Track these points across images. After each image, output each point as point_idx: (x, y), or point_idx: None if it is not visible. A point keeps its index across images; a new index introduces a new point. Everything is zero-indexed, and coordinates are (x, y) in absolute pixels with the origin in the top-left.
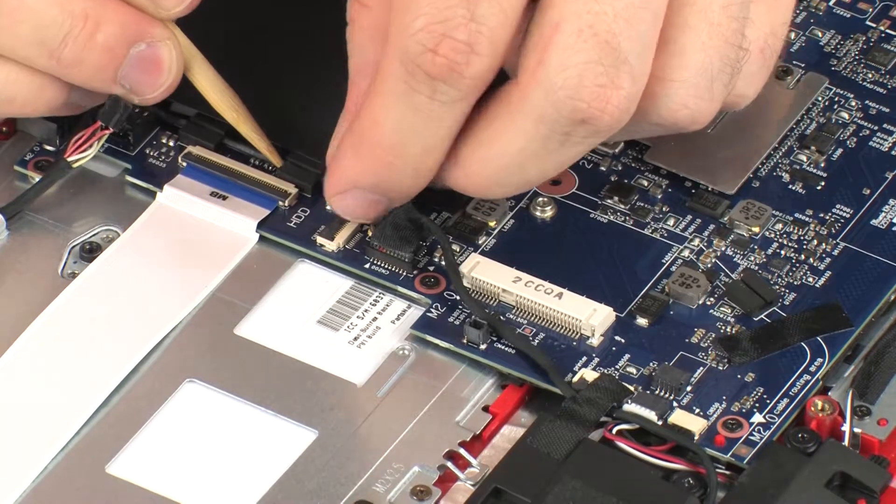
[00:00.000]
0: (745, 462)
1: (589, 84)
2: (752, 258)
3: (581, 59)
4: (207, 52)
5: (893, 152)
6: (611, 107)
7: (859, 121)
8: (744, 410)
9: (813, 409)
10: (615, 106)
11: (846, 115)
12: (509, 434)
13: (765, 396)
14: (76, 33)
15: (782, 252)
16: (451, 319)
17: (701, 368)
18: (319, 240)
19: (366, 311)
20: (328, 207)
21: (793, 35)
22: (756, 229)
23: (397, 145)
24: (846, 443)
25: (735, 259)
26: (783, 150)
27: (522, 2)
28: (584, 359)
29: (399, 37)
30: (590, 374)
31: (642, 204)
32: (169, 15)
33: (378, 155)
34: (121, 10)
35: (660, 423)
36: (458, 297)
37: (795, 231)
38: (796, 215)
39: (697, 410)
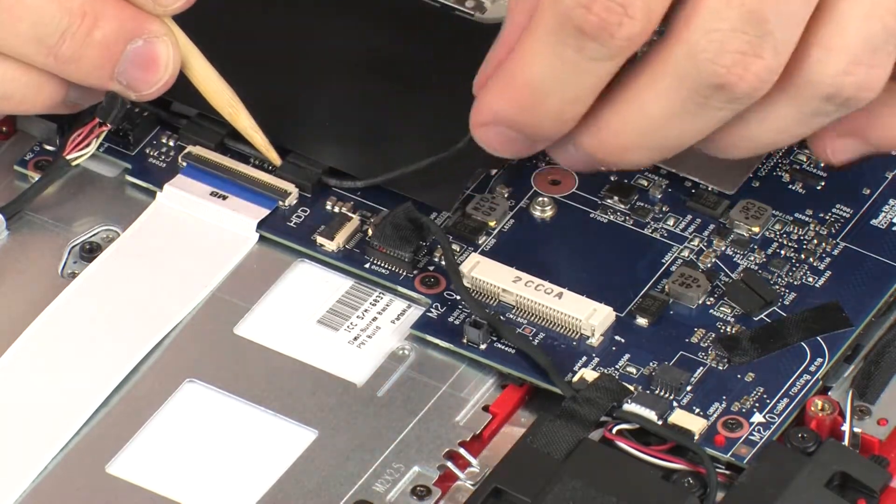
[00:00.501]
0: (745, 462)
1: (731, 50)
2: (752, 258)
3: (726, 26)
4: (207, 49)
5: (893, 152)
6: (749, 74)
7: None
8: (744, 410)
9: (813, 408)
10: (754, 74)
11: None
12: (509, 434)
13: (765, 396)
14: (74, 30)
15: (782, 252)
16: (451, 319)
17: (701, 368)
18: (319, 240)
19: (366, 310)
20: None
21: None
22: (756, 229)
23: (540, 91)
24: (846, 443)
25: (735, 259)
26: (783, 150)
27: None
28: (584, 359)
29: None
30: (590, 374)
31: (642, 204)
32: (166, 12)
33: (522, 96)
34: (118, 7)
35: (660, 422)
36: (458, 297)
37: (795, 231)
38: (796, 215)
39: (697, 410)
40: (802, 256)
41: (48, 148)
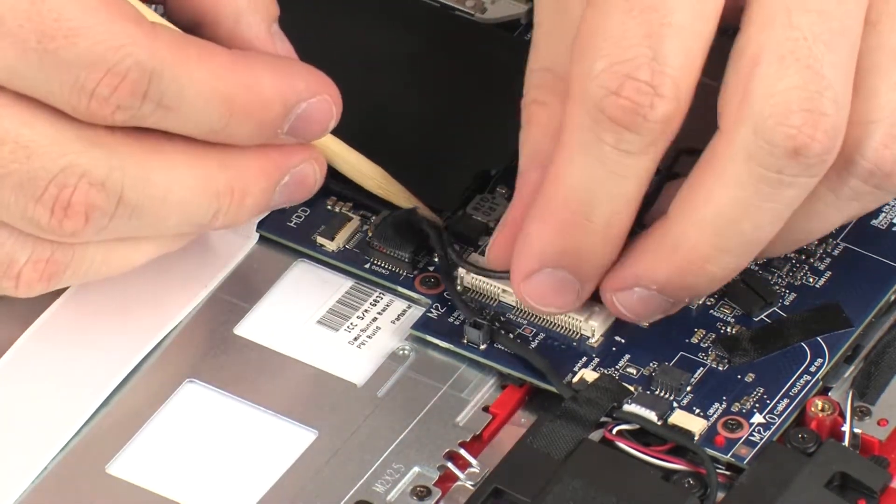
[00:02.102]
0: (745, 462)
1: (796, 109)
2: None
3: (786, 85)
4: None
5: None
6: (819, 133)
7: None
8: (744, 411)
9: (813, 409)
10: (824, 132)
11: None
12: (509, 434)
13: (765, 396)
14: (225, 208)
15: None
16: (450, 320)
17: (701, 368)
18: (319, 240)
19: (366, 311)
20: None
21: None
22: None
23: (584, 204)
24: (846, 443)
25: None
26: None
27: (706, 43)
28: (584, 359)
29: (581, 82)
30: (590, 375)
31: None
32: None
33: (565, 217)
34: (262, 162)
35: (660, 423)
36: None
37: None
38: None
39: (697, 411)
40: (802, 256)
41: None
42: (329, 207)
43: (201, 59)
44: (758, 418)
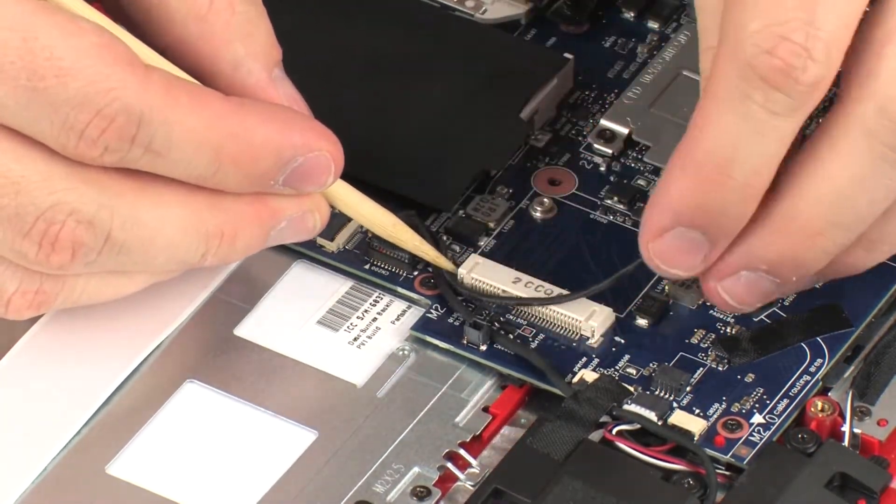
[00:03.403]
0: (744, 462)
1: None
2: None
3: None
4: None
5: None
6: None
7: None
8: (744, 411)
9: (813, 409)
10: None
11: None
12: (509, 434)
13: (765, 397)
14: (214, 250)
15: None
16: (450, 320)
17: (701, 369)
18: (319, 240)
19: (365, 311)
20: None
21: None
22: None
23: (725, 160)
24: (846, 443)
25: None
26: None
27: (860, 10)
28: (584, 359)
29: (734, 36)
30: (590, 375)
31: (642, 204)
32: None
33: (705, 172)
34: (256, 207)
35: (660, 423)
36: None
37: None
38: None
39: (697, 411)
40: None
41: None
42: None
43: (192, 106)
44: (757, 418)
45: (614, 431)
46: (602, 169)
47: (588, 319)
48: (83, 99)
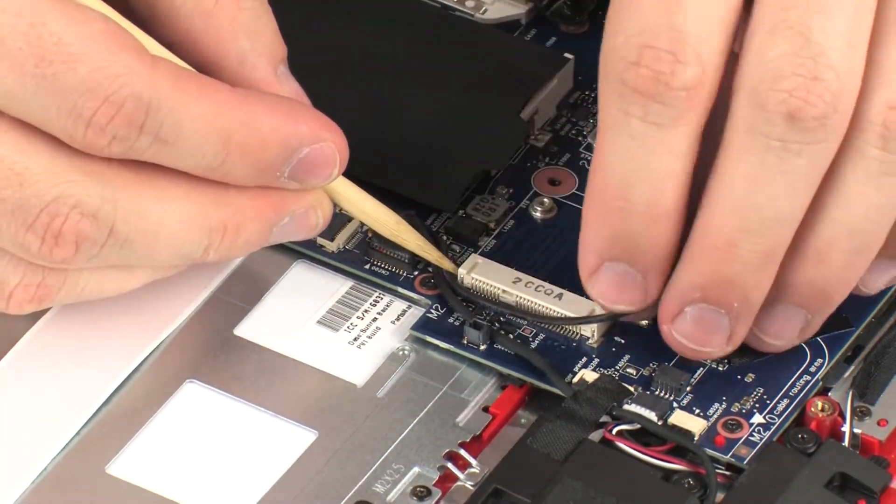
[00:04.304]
0: (744, 462)
1: (788, 73)
2: None
3: (777, 52)
4: None
5: None
6: (813, 96)
7: None
8: (744, 411)
9: (813, 409)
10: (818, 95)
11: None
12: (509, 434)
13: (765, 397)
14: (216, 245)
15: None
16: (450, 320)
17: (701, 369)
18: (319, 240)
19: (366, 311)
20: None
21: None
22: None
23: (621, 184)
24: (846, 443)
25: None
26: None
27: (729, 11)
28: (584, 359)
29: (605, 58)
30: (590, 375)
31: None
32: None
33: (607, 203)
34: (259, 202)
35: (660, 423)
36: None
37: None
38: None
39: (697, 411)
40: None
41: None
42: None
43: (201, 94)
44: (758, 418)
45: (614, 431)
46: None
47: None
48: (91, 85)
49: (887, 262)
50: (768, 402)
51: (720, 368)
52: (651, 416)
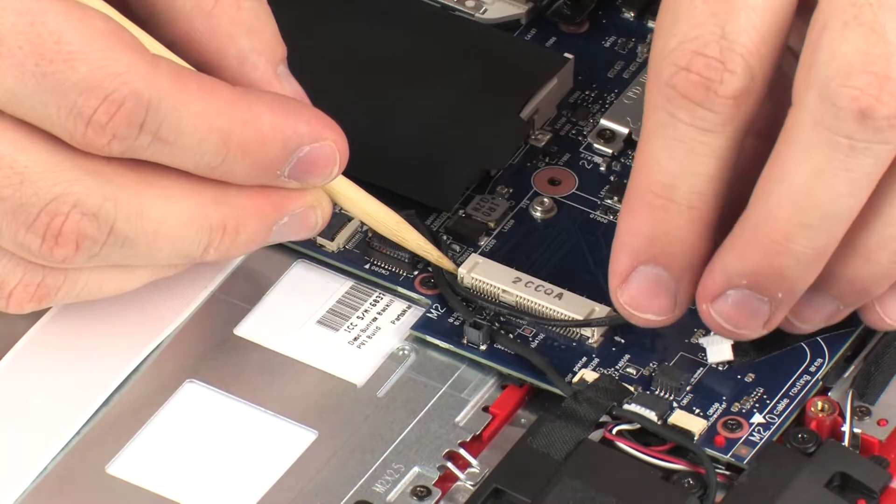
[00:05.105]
0: (744, 462)
1: (860, 70)
2: None
3: (850, 49)
4: None
5: None
6: (886, 95)
7: None
8: (744, 411)
9: (813, 409)
10: (890, 94)
11: None
12: (509, 434)
13: (765, 397)
14: (216, 244)
15: None
16: (450, 320)
17: (701, 369)
18: (319, 240)
19: (366, 311)
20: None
21: None
22: None
23: (665, 185)
24: (846, 443)
25: None
26: None
27: (781, 19)
28: (584, 359)
29: (655, 62)
30: (590, 375)
31: None
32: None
33: (649, 201)
34: (259, 201)
35: (660, 423)
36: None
37: None
38: None
39: (697, 411)
40: None
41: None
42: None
43: (201, 93)
44: (758, 418)
45: (614, 431)
46: (602, 169)
47: (588, 319)
48: (91, 84)
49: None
50: (768, 401)
51: (720, 368)
52: (651, 416)
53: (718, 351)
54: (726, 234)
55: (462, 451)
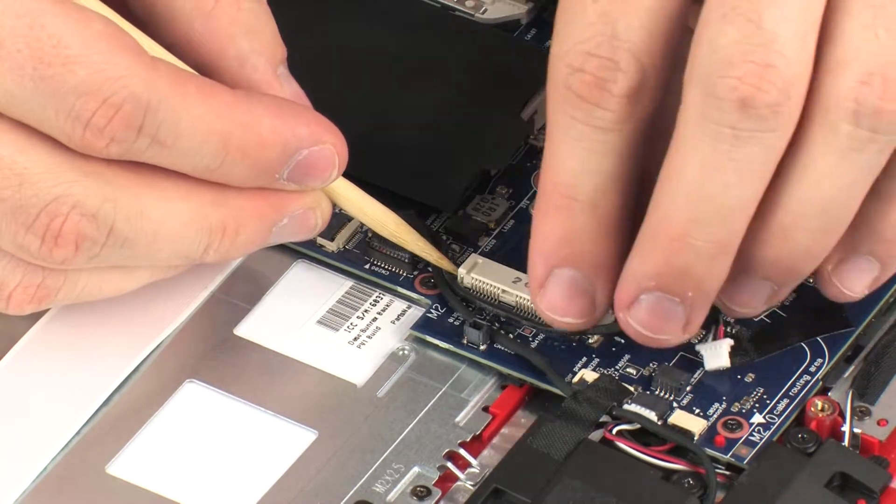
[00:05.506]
0: (744, 462)
1: (738, 61)
2: None
3: (728, 40)
4: None
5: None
6: (765, 83)
7: None
8: (744, 411)
9: (813, 409)
10: (770, 82)
11: None
12: (509, 434)
13: (765, 397)
14: (216, 245)
15: None
16: (450, 320)
17: (701, 369)
18: (319, 240)
19: (366, 311)
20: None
21: None
22: None
23: (570, 186)
24: (846, 443)
25: None
26: None
27: (669, 16)
28: (584, 359)
29: (552, 64)
30: (590, 375)
31: None
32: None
33: (556, 203)
34: (258, 203)
35: (660, 423)
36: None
37: None
38: None
39: (697, 411)
40: None
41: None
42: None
43: (200, 96)
44: (758, 418)
45: (614, 431)
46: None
47: None
48: (90, 87)
49: (865, 262)
50: (768, 401)
51: (720, 368)
52: (651, 416)
53: (716, 358)
54: None
55: (462, 451)
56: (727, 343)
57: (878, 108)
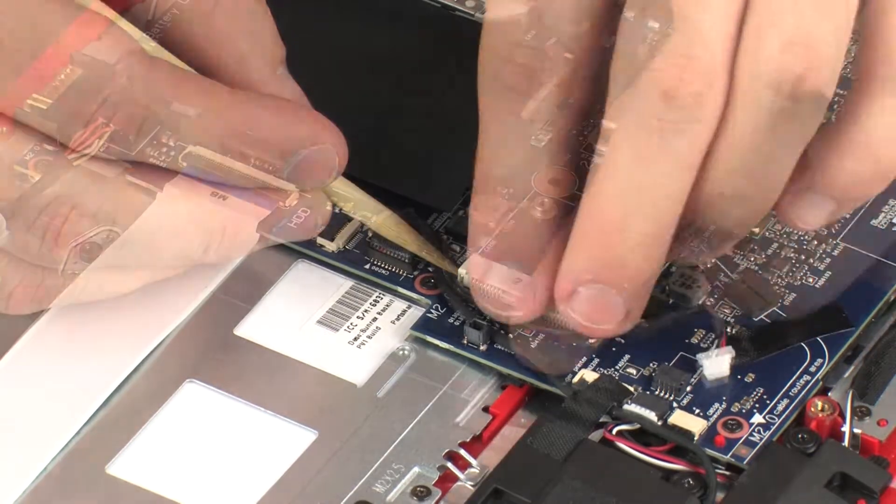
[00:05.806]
0: (744, 462)
1: (661, 53)
2: (752, 258)
3: (651, 32)
4: None
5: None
6: (687, 73)
7: None
8: (744, 411)
9: (813, 409)
10: (692, 72)
11: None
12: (509, 434)
13: (765, 397)
14: (216, 245)
15: (782, 252)
16: (450, 320)
17: (701, 369)
18: (319, 240)
19: (366, 311)
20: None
21: None
22: (756, 229)
23: (504, 179)
24: (846, 443)
25: (735, 259)
26: None
27: (589, 2)
28: (584, 359)
29: (481, 57)
30: (590, 375)
31: None
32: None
33: (479, 187)
34: (259, 203)
35: (660, 423)
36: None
37: (795, 231)
38: None
39: (697, 411)
40: (802, 257)
41: (48, 148)
42: (329, 207)
43: (199, 96)
44: (758, 418)
45: (614, 431)
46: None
47: None
48: (89, 88)
49: (820, 199)
50: (768, 402)
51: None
52: (651, 416)
53: (716, 367)
54: None
55: (462, 452)
56: (729, 355)
57: (803, 76)
